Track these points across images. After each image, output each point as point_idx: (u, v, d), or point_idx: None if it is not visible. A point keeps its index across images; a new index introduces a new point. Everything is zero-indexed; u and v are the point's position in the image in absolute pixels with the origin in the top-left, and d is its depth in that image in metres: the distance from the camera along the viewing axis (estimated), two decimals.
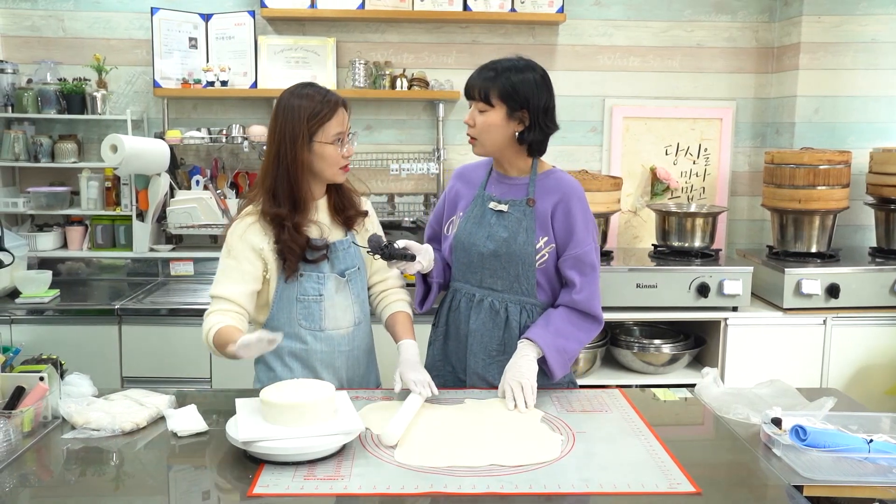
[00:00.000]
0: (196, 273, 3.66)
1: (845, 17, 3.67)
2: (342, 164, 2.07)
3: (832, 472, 1.64)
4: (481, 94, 2.04)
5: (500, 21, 3.77)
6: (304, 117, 2.00)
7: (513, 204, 2.11)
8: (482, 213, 2.14)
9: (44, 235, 3.64)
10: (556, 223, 2.08)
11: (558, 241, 2.09)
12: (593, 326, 2.11)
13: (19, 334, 3.11)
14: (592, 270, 2.09)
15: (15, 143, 3.58)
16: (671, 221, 3.53)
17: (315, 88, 2.07)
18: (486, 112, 2.05)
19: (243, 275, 2.03)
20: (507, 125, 2.05)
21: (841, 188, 3.40)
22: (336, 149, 2.04)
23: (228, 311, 2.00)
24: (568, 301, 2.09)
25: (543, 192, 2.10)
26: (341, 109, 2.06)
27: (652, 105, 3.93)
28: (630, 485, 1.56)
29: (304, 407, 1.68)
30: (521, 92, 2.02)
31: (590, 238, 2.09)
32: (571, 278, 2.08)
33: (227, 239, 2.07)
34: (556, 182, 2.12)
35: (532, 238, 2.08)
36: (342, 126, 2.06)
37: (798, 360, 3.27)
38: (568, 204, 2.08)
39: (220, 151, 3.81)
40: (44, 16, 3.72)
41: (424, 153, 3.85)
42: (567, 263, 2.08)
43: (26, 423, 1.78)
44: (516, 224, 2.09)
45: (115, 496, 1.54)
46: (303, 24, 3.78)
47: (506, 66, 2.05)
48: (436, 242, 2.29)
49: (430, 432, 1.80)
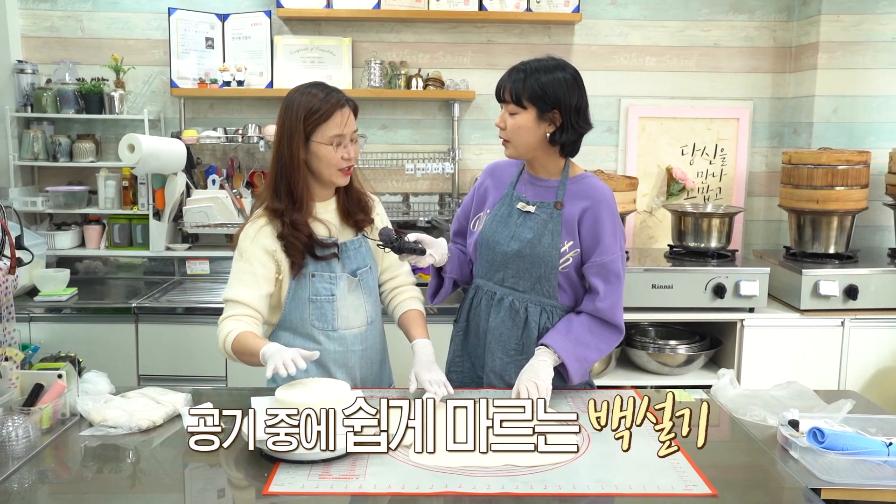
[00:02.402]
0: (212, 272, 3.68)
1: (864, 15, 3.64)
2: (341, 167, 2.04)
3: (850, 475, 1.62)
4: (512, 95, 2.02)
5: (516, 21, 3.76)
6: (302, 115, 1.99)
7: (541, 206, 2.10)
8: (509, 213, 2.14)
9: (62, 234, 3.68)
10: (583, 229, 2.06)
11: (584, 247, 2.07)
12: (614, 336, 2.10)
13: (38, 332, 3.13)
14: (617, 279, 2.07)
15: (34, 142, 3.61)
16: (687, 222, 3.51)
17: (320, 87, 2.05)
18: (516, 114, 2.03)
19: (256, 278, 2.03)
20: (539, 126, 2.03)
21: (860, 188, 3.37)
22: (332, 150, 2.01)
23: (243, 315, 2.00)
24: (591, 309, 2.08)
25: (573, 196, 2.08)
26: (342, 111, 2.01)
27: (668, 105, 3.91)
28: (645, 486, 1.55)
29: (319, 405, 1.68)
30: (550, 93, 2.00)
31: (616, 246, 2.07)
32: (595, 286, 2.07)
33: (239, 242, 2.07)
34: (588, 188, 2.09)
35: (557, 241, 2.06)
36: (341, 128, 2.01)
37: (815, 362, 3.25)
38: (597, 211, 2.05)
39: (236, 151, 3.83)
40: (63, 16, 3.76)
41: (440, 153, 3.85)
42: (592, 270, 2.07)
43: (45, 420, 1.80)
44: (542, 226, 2.08)
45: (131, 493, 1.55)
46: (318, 24, 3.79)
47: (535, 66, 2.03)
48: (461, 237, 2.29)
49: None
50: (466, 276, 2.27)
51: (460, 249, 2.28)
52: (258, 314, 2.03)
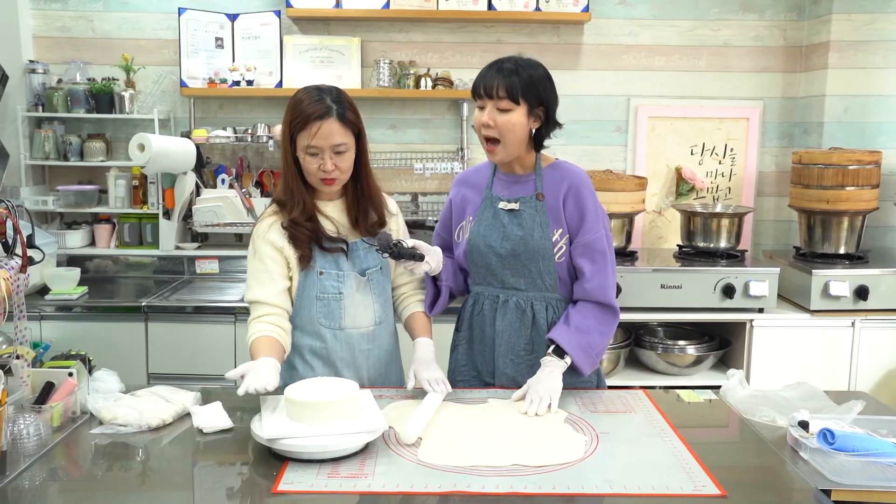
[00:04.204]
0: (221, 271, 3.69)
1: (876, 14, 3.62)
2: (319, 177, 2.02)
3: (861, 476, 1.61)
4: (509, 91, 1.99)
5: (525, 20, 3.76)
6: (289, 119, 2.01)
7: (523, 201, 2.09)
8: (493, 215, 2.13)
9: (72, 233, 3.70)
10: (568, 212, 2.07)
11: (570, 229, 2.07)
12: (610, 317, 2.09)
13: (48, 330, 3.15)
14: (603, 258, 2.06)
15: (45, 141, 3.64)
16: (696, 222, 3.50)
17: (316, 93, 2.00)
18: (509, 111, 2.00)
19: (271, 274, 2.05)
20: (527, 123, 2.03)
21: (870, 189, 3.35)
22: (308, 159, 2.00)
23: (267, 315, 2.02)
24: (581, 293, 2.08)
25: (551, 184, 2.08)
26: (320, 123, 1.95)
27: (677, 105, 3.89)
28: (654, 486, 1.54)
29: (328, 405, 1.69)
30: (540, 89, 2.02)
31: (600, 225, 2.07)
32: (582, 267, 2.06)
33: (252, 240, 2.09)
34: (563, 172, 2.10)
35: (547, 232, 2.06)
36: (312, 139, 1.96)
37: (825, 363, 3.23)
38: (578, 191, 2.06)
39: (245, 150, 3.84)
40: (74, 17, 3.78)
41: (448, 152, 3.85)
42: (577, 251, 2.07)
43: (56, 418, 1.81)
44: (530, 220, 2.07)
45: (141, 491, 1.56)
46: (328, 24, 3.80)
47: (520, 63, 2.02)
48: (446, 251, 2.26)
49: (453, 431, 1.80)
50: (461, 285, 2.27)
51: (450, 260, 2.25)
52: (280, 310, 2.04)
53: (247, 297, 2.06)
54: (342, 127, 1.98)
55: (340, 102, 2.00)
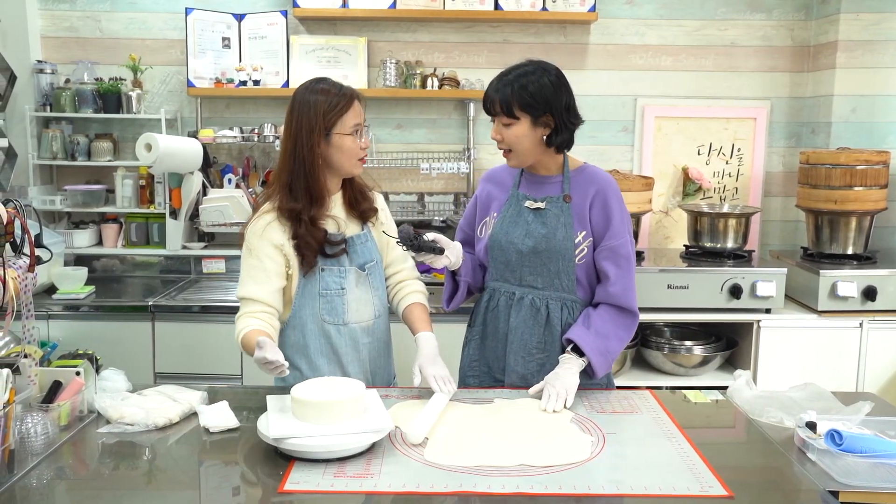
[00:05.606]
0: (227, 271, 3.70)
1: (884, 14, 3.60)
2: (360, 156, 2.09)
3: (869, 478, 1.61)
4: (503, 108, 2.03)
5: (532, 20, 3.76)
6: (321, 111, 2.02)
7: (549, 201, 2.11)
8: (518, 212, 2.14)
9: (80, 232, 3.71)
10: (594, 215, 2.08)
11: (595, 233, 2.08)
12: (629, 321, 2.10)
13: (56, 330, 3.16)
14: (628, 263, 2.08)
15: (53, 141, 3.65)
16: (703, 222, 3.49)
17: (329, 83, 2.08)
18: (511, 125, 2.04)
19: (267, 274, 2.05)
20: (535, 132, 2.05)
21: (879, 189, 3.34)
22: (354, 140, 2.06)
23: (257, 312, 2.02)
24: (604, 296, 2.09)
25: (578, 186, 2.10)
26: (356, 101, 2.07)
27: (684, 105, 3.89)
28: (661, 487, 1.54)
29: (334, 405, 1.69)
30: (539, 98, 2.02)
31: (625, 231, 2.09)
32: (606, 270, 2.07)
33: (247, 238, 2.09)
34: (591, 176, 2.12)
35: (571, 233, 2.07)
36: (359, 117, 2.07)
37: (833, 364, 3.22)
38: (605, 195, 2.08)
39: (252, 150, 3.85)
40: (81, 17, 3.79)
41: (455, 152, 3.85)
42: (602, 254, 2.08)
43: (63, 416, 1.81)
44: (554, 220, 2.09)
45: (147, 490, 1.56)
46: (334, 24, 3.80)
47: (519, 74, 2.03)
48: (468, 246, 2.28)
49: (460, 431, 1.80)
50: (479, 281, 2.28)
51: (470, 255, 2.27)
52: (272, 309, 2.05)
53: (239, 292, 2.07)
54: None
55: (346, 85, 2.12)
